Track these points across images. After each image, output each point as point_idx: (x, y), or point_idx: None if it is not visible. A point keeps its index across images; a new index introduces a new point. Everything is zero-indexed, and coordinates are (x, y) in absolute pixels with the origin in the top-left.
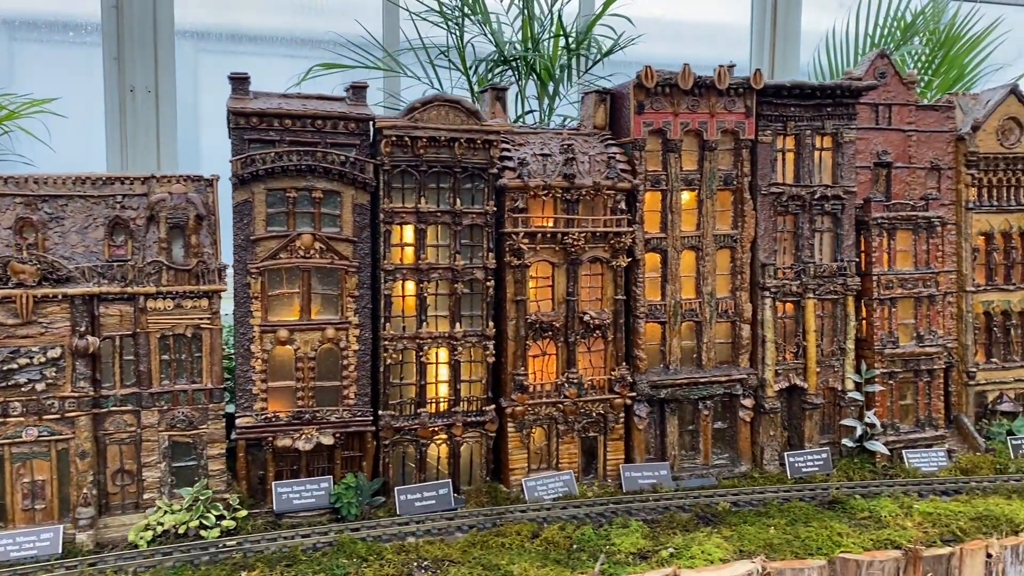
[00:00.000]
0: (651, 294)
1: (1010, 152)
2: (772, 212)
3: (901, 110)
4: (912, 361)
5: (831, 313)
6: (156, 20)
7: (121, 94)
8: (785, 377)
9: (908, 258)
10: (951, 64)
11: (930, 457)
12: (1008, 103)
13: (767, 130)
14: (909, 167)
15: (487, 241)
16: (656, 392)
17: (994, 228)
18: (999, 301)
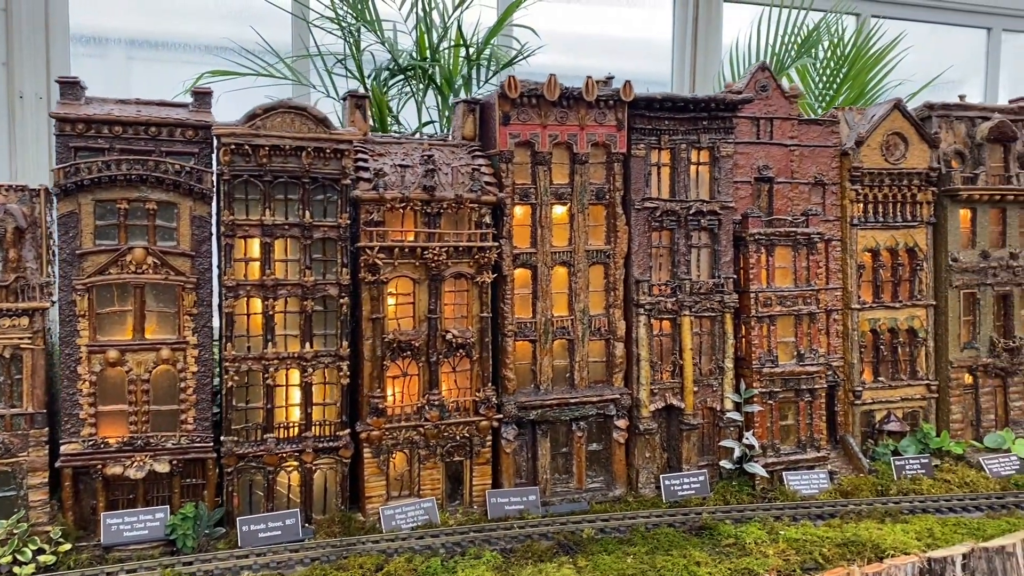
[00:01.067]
0: (521, 311)
1: (895, 167)
2: (647, 227)
3: (783, 124)
4: (792, 380)
5: (709, 331)
6: (48, 24)
7: (10, 100)
8: (661, 397)
9: (788, 275)
10: (856, 79)
11: (811, 479)
12: (892, 118)
13: (641, 144)
14: (792, 182)
15: (341, 256)
16: (525, 414)
17: (880, 244)
18: (885, 319)
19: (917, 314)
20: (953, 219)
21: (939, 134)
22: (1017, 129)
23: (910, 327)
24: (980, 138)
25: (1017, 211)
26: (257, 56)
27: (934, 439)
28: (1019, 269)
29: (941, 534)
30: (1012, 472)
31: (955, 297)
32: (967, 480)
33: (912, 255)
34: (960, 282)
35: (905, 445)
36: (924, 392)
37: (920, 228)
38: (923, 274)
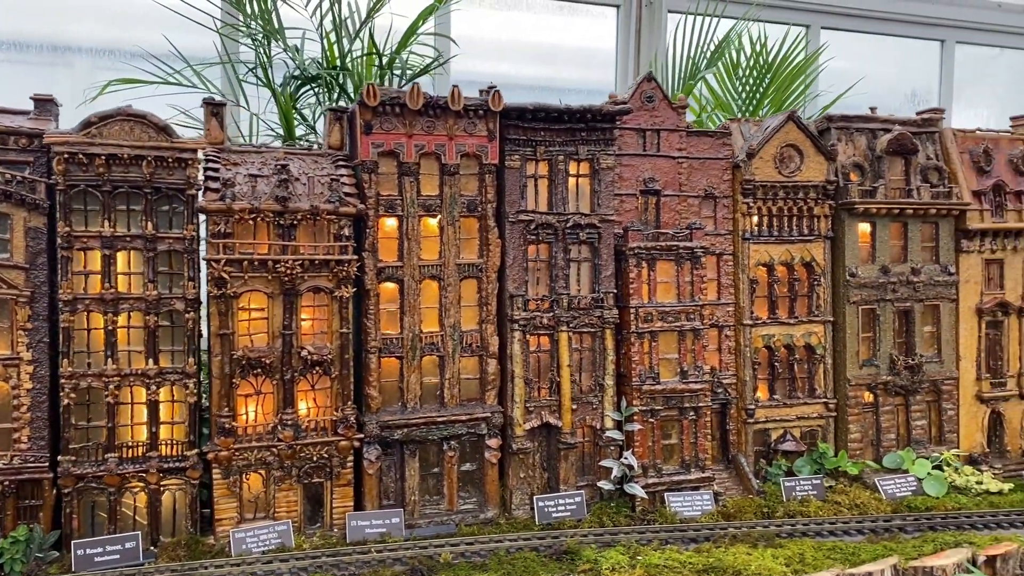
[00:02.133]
0: (389, 327)
1: (789, 180)
2: (523, 241)
3: (671, 136)
4: (675, 398)
5: (590, 347)
6: None
7: None
8: (537, 415)
9: (671, 289)
10: (779, 89)
11: (694, 501)
12: (787, 129)
13: (515, 155)
14: (681, 195)
15: (188, 269)
16: (389, 433)
17: (774, 259)
18: (780, 335)
19: (814, 330)
20: (851, 233)
21: (835, 146)
22: (921, 142)
23: (807, 344)
24: (880, 150)
25: (919, 225)
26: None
27: (830, 459)
28: (920, 285)
29: (812, 559)
30: (907, 493)
31: (853, 313)
32: (858, 502)
33: (809, 270)
34: (858, 298)
35: (800, 465)
36: (822, 410)
37: (817, 242)
38: (821, 289)
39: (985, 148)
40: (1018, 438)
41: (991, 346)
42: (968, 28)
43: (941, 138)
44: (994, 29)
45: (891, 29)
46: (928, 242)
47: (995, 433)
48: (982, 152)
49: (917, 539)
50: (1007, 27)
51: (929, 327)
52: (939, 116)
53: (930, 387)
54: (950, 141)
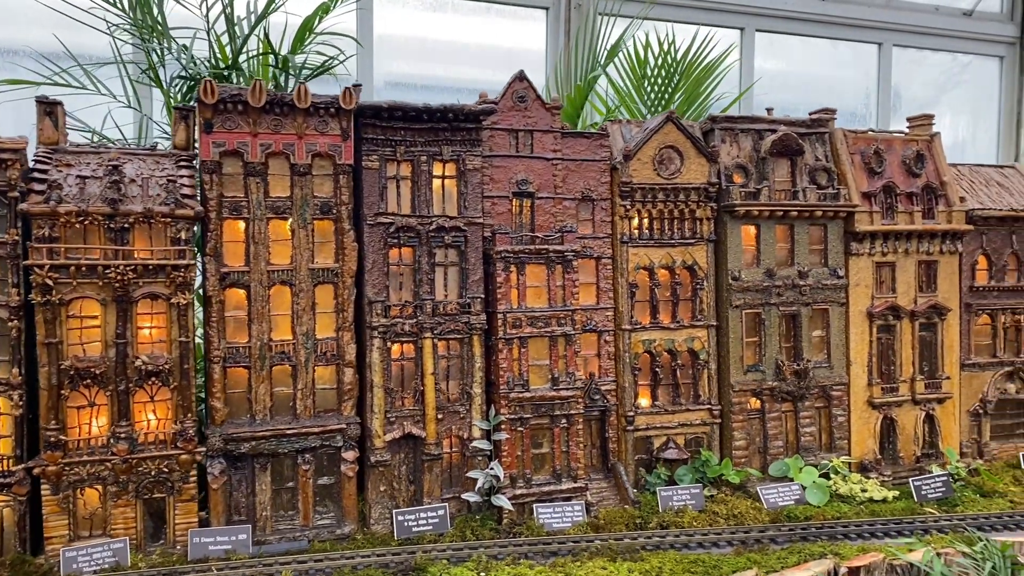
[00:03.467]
0: (237, 335)
1: (669, 182)
2: (383, 244)
3: (544, 137)
4: (546, 406)
5: (458, 354)
6: None
7: None
8: (399, 426)
9: (542, 294)
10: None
11: (564, 512)
12: (666, 131)
13: (373, 155)
14: (556, 197)
15: (12, 275)
16: (236, 446)
17: (655, 263)
18: (662, 340)
19: (698, 335)
20: (734, 236)
21: (717, 148)
22: (810, 143)
23: (690, 349)
24: (764, 152)
25: (807, 228)
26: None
27: (713, 467)
28: (807, 288)
29: (670, 573)
30: (790, 503)
31: (737, 317)
32: (736, 512)
33: (692, 274)
34: (741, 301)
35: (681, 474)
36: (706, 417)
37: (700, 245)
38: (704, 293)
39: (876, 149)
40: (912, 444)
41: (883, 351)
42: (905, 31)
43: (831, 139)
44: (931, 32)
45: (828, 32)
46: (817, 245)
47: (888, 439)
48: (873, 153)
49: (785, 550)
50: (944, 30)
51: (819, 331)
52: (829, 116)
53: (819, 393)
54: (840, 142)
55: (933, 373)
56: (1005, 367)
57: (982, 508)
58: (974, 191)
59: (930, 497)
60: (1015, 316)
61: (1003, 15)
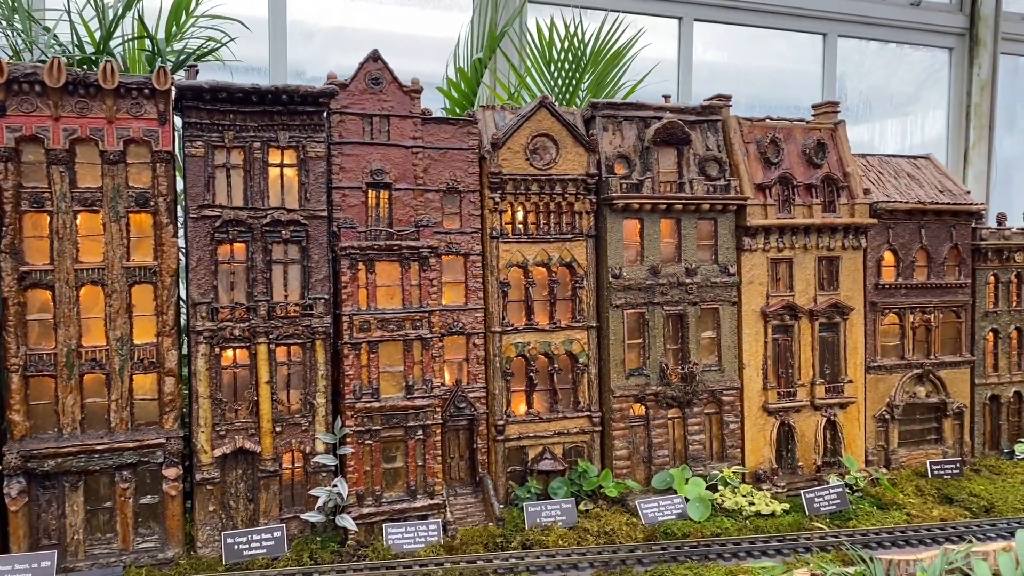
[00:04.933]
0: (42, 341)
1: (543, 173)
2: (210, 240)
3: (403, 123)
4: (399, 416)
5: (300, 361)
6: None
7: None
8: (231, 440)
9: (395, 294)
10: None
11: (417, 532)
12: (539, 118)
13: (198, 141)
14: (417, 189)
15: None
16: (38, 464)
17: (528, 260)
18: (537, 342)
19: (577, 337)
20: (615, 231)
21: (596, 136)
22: (701, 132)
23: (569, 352)
24: (647, 141)
25: (695, 222)
26: None
27: (591, 479)
28: (695, 287)
29: None
30: (671, 518)
31: (618, 318)
32: (609, 529)
33: (571, 271)
34: (622, 301)
35: (556, 487)
36: (586, 425)
37: (579, 241)
38: (584, 292)
39: (773, 138)
40: (812, 452)
41: (780, 353)
42: (850, 21)
43: (724, 128)
44: (876, 23)
45: (771, 22)
46: (706, 240)
47: (786, 447)
48: (769, 142)
49: (649, 572)
50: (891, 20)
51: (709, 333)
52: (722, 104)
53: (709, 398)
54: (733, 131)
55: (835, 376)
56: (914, 369)
57: (876, 522)
58: (882, 183)
59: (823, 510)
60: (925, 315)
61: (952, 5)
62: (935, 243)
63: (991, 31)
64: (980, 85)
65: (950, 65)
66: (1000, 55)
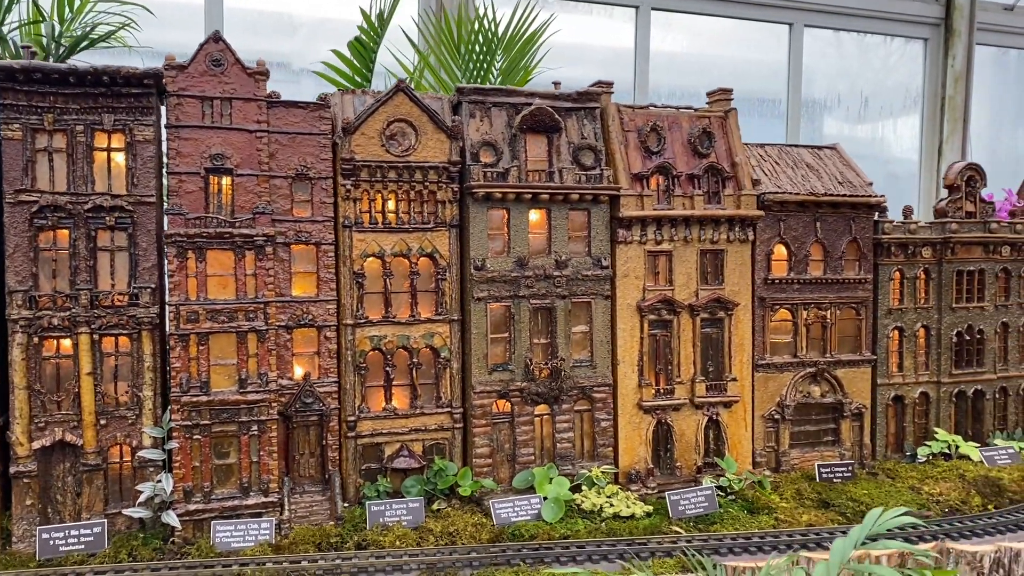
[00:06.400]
0: None
1: (402, 160)
2: (28, 226)
3: (246, 106)
4: (231, 411)
5: (128, 352)
6: None
7: None
8: (51, 432)
9: (229, 284)
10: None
11: (247, 530)
12: (397, 102)
13: (14, 124)
14: (262, 175)
15: None
16: None
17: (386, 250)
18: (394, 336)
19: (439, 330)
20: (479, 221)
21: (459, 122)
22: (577, 119)
23: (430, 346)
24: (515, 128)
25: (566, 212)
26: None
27: (447, 478)
28: (565, 279)
29: None
30: (526, 518)
31: (481, 311)
32: (453, 530)
33: (434, 262)
34: (486, 294)
35: (409, 485)
36: (447, 421)
37: (441, 231)
38: (447, 285)
39: (654, 126)
40: (692, 453)
41: (658, 349)
42: (819, 11)
43: (603, 115)
44: (843, 12)
45: (733, 11)
46: (579, 232)
47: (665, 447)
48: (650, 130)
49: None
50: (862, 10)
51: (582, 327)
52: (602, 90)
53: (580, 395)
54: (612, 118)
55: (718, 374)
56: (808, 368)
57: (741, 527)
58: (776, 174)
59: (688, 513)
60: (820, 312)
61: None
62: (832, 237)
63: (966, 21)
64: (954, 77)
65: (925, 56)
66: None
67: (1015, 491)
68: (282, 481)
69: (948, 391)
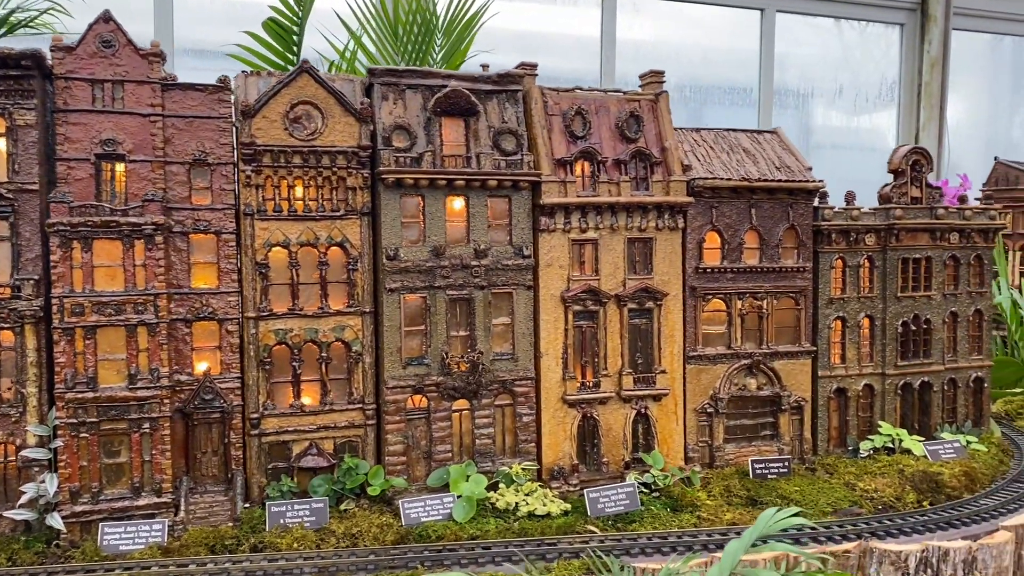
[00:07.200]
0: None
1: (307, 144)
2: None
3: (140, 89)
4: (120, 408)
5: (12, 346)
6: None
7: None
8: None
9: (118, 275)
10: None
11: (138, 532)
12: (301, 84)
13: None
14: (157, 161)
15: None
16: None
17: (291, 239)
18: (301, 329)
19: (350, 323)
20: (391, 208)
21: (367, 106)
22: (499, 102)
23: (341, 339)
24: (429, 111)
25: (485, 199)
26: None
27: (357, 476)
28: (484, 269)
29: None
30: (438, 518)
31: (394, 303)
32: (357, 531)
33: (345, 252)
34: (399, 284)
35: (316, 485)
36: (359, 418)
37: (352, 219)
38: (359, 275)
39: (579, 109)
40: (620, 448)
41: (584, 340)
42: None
43: (526, 98)
44: None
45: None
46: (500, 220)
47: (591, 442)
48: (575, 114)
49: None
50: None
51: (503, 319)
52: (525, 72)
53: (501, 389)
54: (535, 101)
55: (648, 366)
56: (743, 360)
57: (660, 526)
58: (710, 159)
59: (608, 511)
60: (756, 301)
61: None
62: (769, 224)
63: (942, 5)
64: (930, 62)
65: (901, 42)
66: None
67: (954, 487)
68: (179, 481)
69: (893, 383)
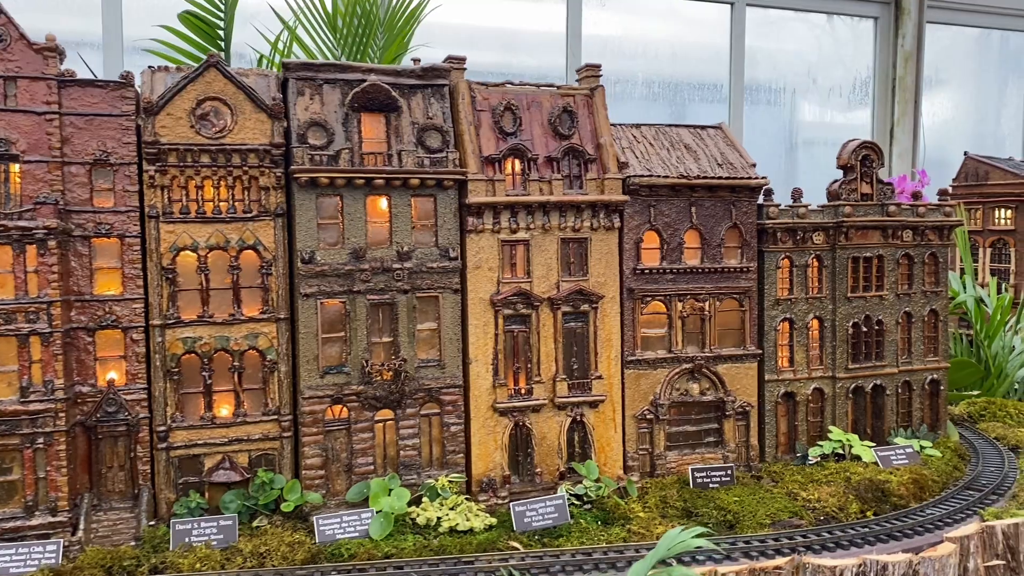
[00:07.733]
0: None
1: (215, 143)
2: None
3: (34, 86)
4: (11, 422)
5: None
6: None
7: None
8: None
9: (7, 283)
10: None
11: (31, 554)
12: (209, 79)
13: None
14: (54, 161)
15: None
16: None
17: (199, 242)
18: (210, 337)
19: (264, 331)
20: (307, 209)
21: (280, 101)
22: (424, 97)
23: (255, 347)
24: (346, 107)
25: (408, 199)
26: None
27: (271, 491)
28: (405, 272)
29: None
30: (354, 535)
31: (311, 308)
32: (266, 550)
33: (258, 255)
34: (315, 289)
35: (228, 500)
36: (275, 430)
37: (265, 221)
38: (273, 280)
39: (509, 105)
40: (554, 457)
41: (516, 346)
42: None
43: (453, 93)
44: None
45: None
46: (425, 220)
47: (524, 452)
48: (504, 110)
49: None
50: None
51: (430, 324)
52: (453, 66)
53: (426, 397)
54: (462, 97)
55: (584, 372)
56: (684, 364)
57: (588, 541)
58: (649, 156)
59: (535, 526)
60: (698, 303)
61: None
62: (710, 223)
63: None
64: (904, 57)
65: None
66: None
67: (901, 495)
68: (80, 498)
69: (844, 387)
